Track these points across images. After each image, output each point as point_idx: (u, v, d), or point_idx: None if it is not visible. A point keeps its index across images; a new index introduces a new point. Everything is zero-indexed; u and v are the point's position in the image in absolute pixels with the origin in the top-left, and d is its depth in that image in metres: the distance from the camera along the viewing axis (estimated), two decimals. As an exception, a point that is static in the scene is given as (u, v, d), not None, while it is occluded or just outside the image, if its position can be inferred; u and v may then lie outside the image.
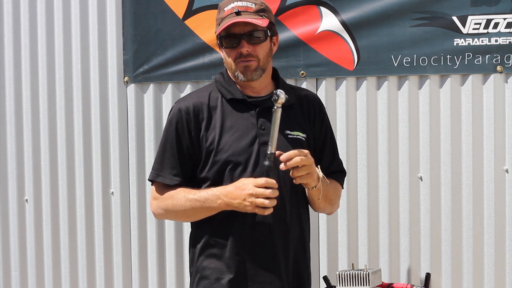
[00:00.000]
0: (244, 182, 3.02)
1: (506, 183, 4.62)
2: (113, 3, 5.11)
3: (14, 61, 5.30)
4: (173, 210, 3.12)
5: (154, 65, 5.05)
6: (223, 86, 3.18)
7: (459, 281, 4.69)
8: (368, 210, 4.78)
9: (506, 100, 4.61)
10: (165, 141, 3.18)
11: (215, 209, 3.06)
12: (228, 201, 3.02)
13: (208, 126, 3.13)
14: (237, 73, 3.13)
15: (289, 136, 3.15)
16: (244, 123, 3.12)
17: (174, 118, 3.16)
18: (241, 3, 3.13)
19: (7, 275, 5.39)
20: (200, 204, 3.07)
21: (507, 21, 4.56)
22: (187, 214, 3.12)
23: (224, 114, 3.13)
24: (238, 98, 3.14)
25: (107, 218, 5.19)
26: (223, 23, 3.09)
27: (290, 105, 3.17)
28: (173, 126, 3.15)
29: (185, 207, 3.09)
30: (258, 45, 3.11)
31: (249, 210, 3.00)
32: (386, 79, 4.75)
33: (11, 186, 5.35)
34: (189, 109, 3.14)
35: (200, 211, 3.08)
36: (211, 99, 3.16)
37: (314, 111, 3.25)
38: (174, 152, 3.14)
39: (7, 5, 5.29)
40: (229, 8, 3.13)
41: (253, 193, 2.97)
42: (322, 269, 4.85)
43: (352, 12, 4.73)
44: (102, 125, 5.17)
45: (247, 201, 2.98)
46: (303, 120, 3.21)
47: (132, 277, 5.16)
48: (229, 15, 3.11)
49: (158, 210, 3.18)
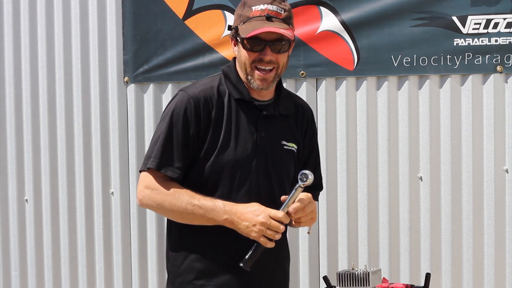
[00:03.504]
0: (258, 208, 2.95)
1: (506, 183, 4.62)
2: (113, 3, 5.11)
3: (14, 61, 5.30)
4: (169, 208, 3.00)
5: (154, 65, 5.05)
6: (232, 83, 3.08)
7: (459, 281, 4.70)
8: (368, 210, 4.78)
9: (506, 100, 4.61)
10: (169, 128, 3.00)
11: (216, 222, 2.97)
12: (234, 220, 2.94)
13: (216, 123, 3.02)
14: (250, 78, 3.04)
15: (285, 147, 3.11)
16: (248, 126, 3.06)
17: (182, 104, 3.00)
18: (271, 7, 3.03)
19: (7, 275, 5.39)
20: (202, 213, 2.97)
21: (507, 21, 4.56)
22: (182, 217, 3.01)
23: (231, 113, 3.03)
24: (246, 99, 3.09)
25: (107, 218, 5.19)
26: (253, 27, 2.99)
27: (289, 114, 3.15)
28: (180, 113, 2.99)
29: (185, 210, 2.98)
30: (281, 54, 3.04)
31: (252, 237, 2.93)
32: (386, 79, 4.75)
33: (11, 186, 5.35)
34: (200, 100, 3.00)
35: (198, 219, 2.99)
36: (220, 94, 3.05)
37: (307, 122, 3.21)
38: (179, 141, 2.99)
39: (7, 5, 5.29)
40: (259, 9, 3.03)
41: (266, 223, 2.91)
42: (322, 269, 4.85)
43: (352, 12, 4.74)
44: (102, 125, 5.17)
45: (257, 228, 2.91)
46: (297, 130, 3.17)
47: (132, 277, 5.17)
48: (259, 18, 3.01)
49: (148, 201, 3.02)
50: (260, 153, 3.04)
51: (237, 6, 3.12)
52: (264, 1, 3.04)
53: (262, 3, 3.04)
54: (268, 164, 3.06)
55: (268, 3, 3.04)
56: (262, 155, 3.04)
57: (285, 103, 3.16)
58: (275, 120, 3.11)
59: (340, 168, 4.82)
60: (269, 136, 3.06)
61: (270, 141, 3.07)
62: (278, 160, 3.06)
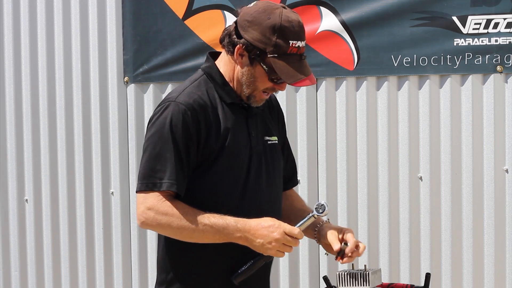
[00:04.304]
0: (272, 224, 2.88)
1: (506, 183, 4.62)
2: (113, 3, 5.11)
3: (14, 61, 5.30)
4: (177, 230, 2.87)
5: (154, 65, 5.05)
6: (220, 87, 2.99)
7: (459, 281, 4.69)
8: (368, 210, 4.78)
9: (506, 100, 4.61)
10: (164, 143, 2.87)
11: (228, 240, 2.89)
12: (248, 238, 2.87)
13: (214, 128, 2.93)
14: (252, 98, 2.98)
15: (269, 143, 3.08)
16: (240, 127, 3.00)
17: (179, 116, 2.88)
18: (301, 44, 2.92)
19: (7, 275, 5.39)
20: (214, 232, 2.86)
21: (507, 21, 4.56)
22: (192, 237, 2.89)
23: (226, 118, 2.95)
24: (237, 102, 3.04)
25: (107, 218, 5.19)
26: (294, 72, 2.90)
27: (263, 109, 3.10)
28: (179, 126, 2.86)
29: (195, 231, 2.86)
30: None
31: (268, 253, 2.90)
32: (386, 79, 4.75)
33: (11, 186, 5.35)
34: (195, 109, 2.90)
35: (209, 238, 2.89)
36: (211, 100, 2.96)
37: (277, 112, 3.17)
38: (183, 156, 2.87)
39: (7, 5, 5.29)
40: (297, 46, 2.91)
41: (282, 239, 2.87)
42: (322, 269, 4.85)
43: (352, 12, 4.73)
44: (102, 125, 5.17)
45: (272, 245, 2.87)
46: (273, 121, 3.13)
47: (132, 277, 5.17)
48: (295, 57, 2.92)
49: (153, 223, 2.87)
50: (255, 153, 3.01)
51: (263, 22, 2.90)
52: (301, 35, 2.92)
53: (300, 39, 2.92)
54: (263, 163, 3.01)
55: (303, 38, 2.93)
56: (257, 155, 3.01)
57: None
58: (257, 116, 3.06)
59: (340, 168, 4.82)
60: (257, 135, 3.03)
61: (259, 139, 3.04)
62: (270, 157, 3.04)
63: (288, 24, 2.89)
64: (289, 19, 2.91)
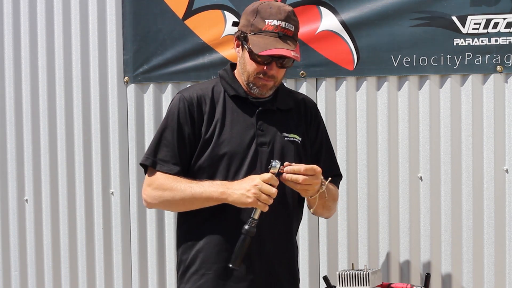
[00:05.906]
0: (252, 176, 3.06)
1: (506, 183, 4.62)
2: (113, 3, 5.11)
3: (14, 61, 5.30)
4: (171, 199, 3.16)
5: (154, 65, 5.05)
6: (227, 82, 3.21)
7: (459, 281, 4.69)
8: (368, 210, 4.78)
9: (506, 100, 4.61)
10: (164, 129, 3.21)
11: (214, 200, 3.08)
12: (230, 192, 3.04)
13: (210, 118, 3.16)
14: (252, 85, 3.16)
15: (286, 138, 3.18)
16: (244, 121, 3.16)
17: (176, 106, 3.20)
18: (284, 25, 3.09)
19: (7, 275, 5.39)
20: (201, 191, 3.08)
21: (507, 21, 4.56)
22: (184, 203, 3.14)
23: (226, 109, 3.18)
24: (241, 96, 3.18)
25: (107, 218, 5.19)
26: (265, 44, 3.06)
27: (289, 109, 3.21)
28: (175, 114, 3.18)
29: (184, 195, 3.11)
30: (283, 69, 3.15)
31: (249, 203, 3.00)
32: (386, 79, 4.75)
33: (11, 186, 5.35)
34: (192, 99, 3.18)
35: (198, 200, 3.10)
36: (214, 93, 3.19)
37: (310, 116, 3.30)
38: (174, 140, 3.16)
39: (7, 5, 5.29)
40: (272, 24, 3.10)
41: (258, 185, 2.98)
42: (322, 269, 4.85)
43: (351, 12, 4.73)
44: (102, 125, 5.17)
45: (251, 193, 2.98)
46: (300, 123, 3.25)
47: (132, 277, 5.17)
48: (271, 34, 3.08)
49: (153, 198, 3.23)
50: (260, 146, 3.10)
51: (248, 10, 3.16)
52: (278, 16, 3.08)
53: (276, 19, 3.08)
54: (270, 156, 3.15)
55: (282, 19, 3.08)
56: (263, 147, 3.10)
57: (284, 99, 3.25)
58: (274, 114, 3.22)
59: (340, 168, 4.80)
60: (269, 129, 3.14)
61: (271, 134, 3.15)
62: (280, 151, 3.12)
63: (266, 6, 3.11)
64: (270, 3, 3.12)
